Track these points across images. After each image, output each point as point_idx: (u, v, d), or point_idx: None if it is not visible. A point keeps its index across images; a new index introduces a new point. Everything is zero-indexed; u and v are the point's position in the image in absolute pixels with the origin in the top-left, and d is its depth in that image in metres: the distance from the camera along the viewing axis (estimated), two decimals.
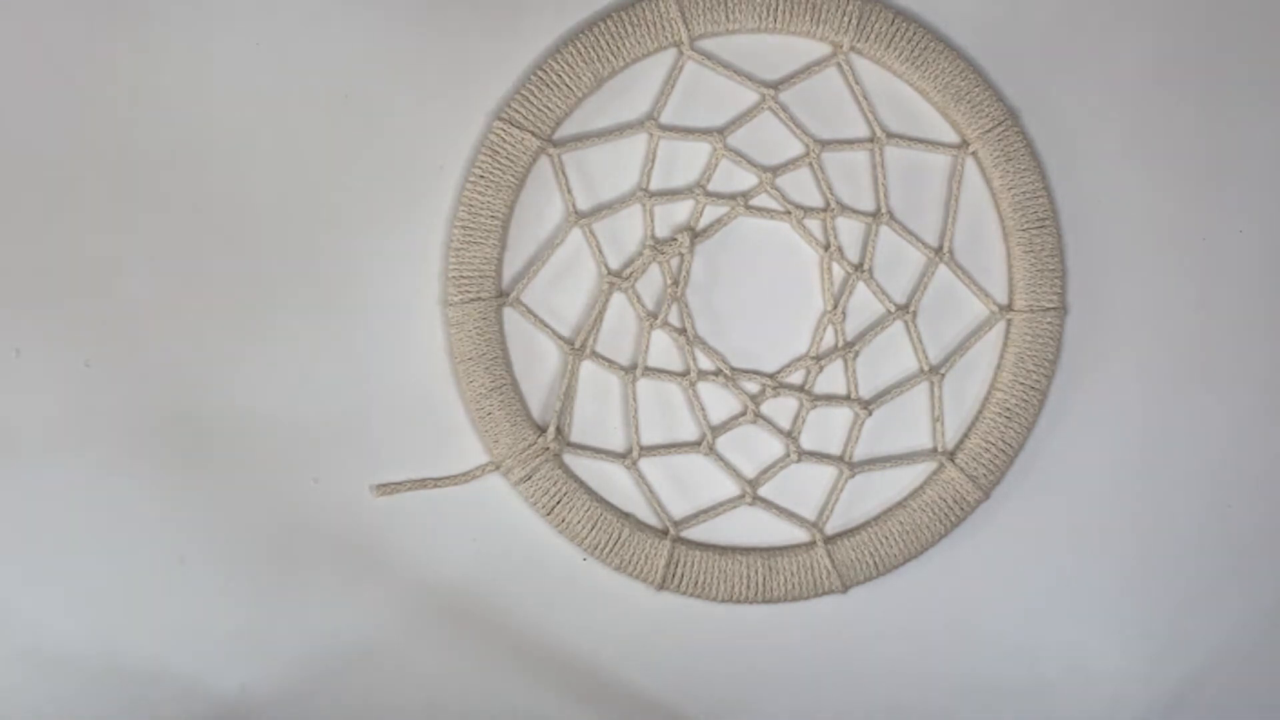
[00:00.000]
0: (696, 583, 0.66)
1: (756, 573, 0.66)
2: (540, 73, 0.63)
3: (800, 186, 0.66)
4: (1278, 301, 0.66)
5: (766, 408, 0.66)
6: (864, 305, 0.66)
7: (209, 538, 0.66)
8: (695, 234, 0.65)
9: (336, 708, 0.67)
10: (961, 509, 0.66)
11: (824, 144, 0.65)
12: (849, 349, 0.66)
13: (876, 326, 0.66)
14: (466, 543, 0.66)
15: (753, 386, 0.66)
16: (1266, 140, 0.65)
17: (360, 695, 0.67)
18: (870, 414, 0.66)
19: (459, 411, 0.65)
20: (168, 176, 0.64)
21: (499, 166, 0.63)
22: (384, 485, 0.65)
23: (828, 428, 0.66)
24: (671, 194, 0.65)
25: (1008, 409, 0.66)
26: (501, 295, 0.64)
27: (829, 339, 0.66)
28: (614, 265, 0.65)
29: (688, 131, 0.65)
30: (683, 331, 0.65)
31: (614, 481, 0.66)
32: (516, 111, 0.63)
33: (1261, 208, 0.66)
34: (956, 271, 0.66)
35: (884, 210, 0.66)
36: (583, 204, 0.65)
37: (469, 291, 0.63)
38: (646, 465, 0.66)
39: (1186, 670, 0.69)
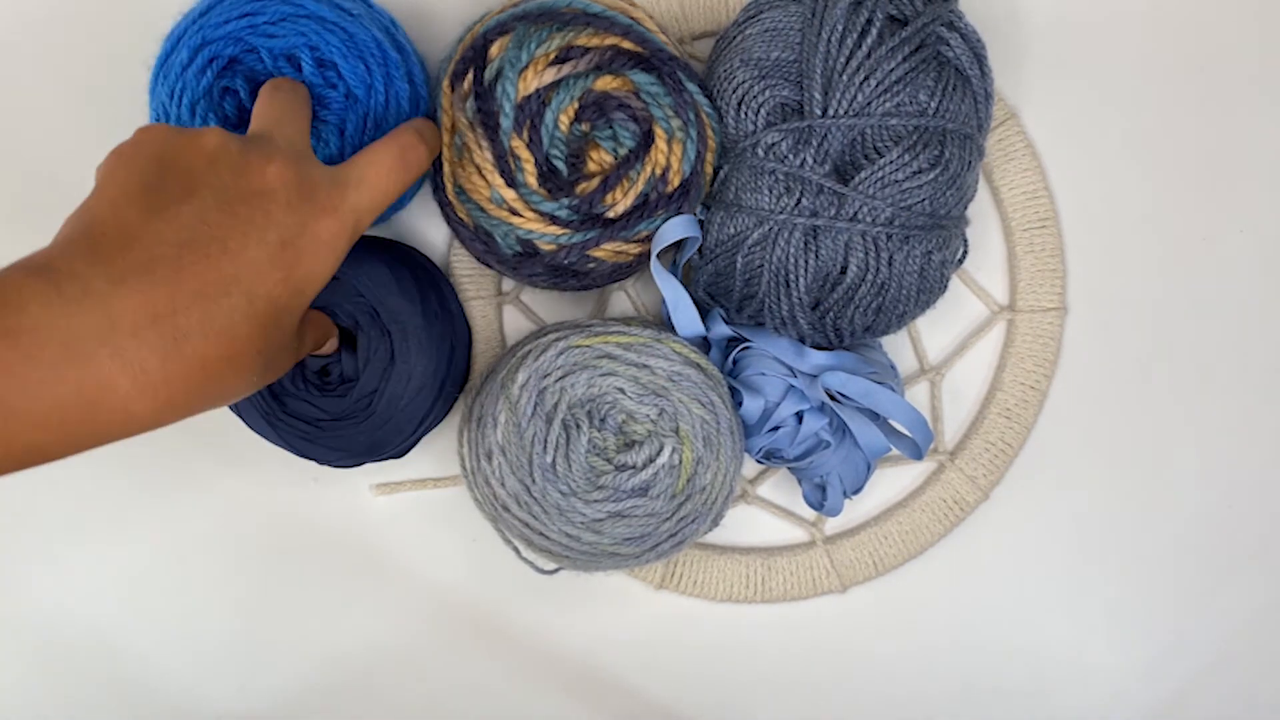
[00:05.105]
0: (695, 582, 0.66)
1: (755, 572, 0.66)
2: None
3: None
4: (1278, 301, 0.66)
5: None
6: None
7: (208, 538, 0.66)
8: None
9: (336, 708, 0.68)
10: (961, 509, 0.66)
11: None
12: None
13: None
14: (466, 543, 0.66)
15: None
16: (1267, 140, 0.65)
17: (359, 694, 0.68)
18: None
19: (459, 410, 0.65)
20: None
21: None
22: (384, 485, 0.65)
23: None
24: None
25: (1008, 409, 0.65)
26: (502, 294, 0.64)
27: None
28: None
29: None
30: None
31: None
32: None
33: (1261, 208, 0.65)
34: (957, 271, 0.66)
35: None
36: None
37: (469, 290, 0.63)
38: None
39: (1186, 670, 0.69)
